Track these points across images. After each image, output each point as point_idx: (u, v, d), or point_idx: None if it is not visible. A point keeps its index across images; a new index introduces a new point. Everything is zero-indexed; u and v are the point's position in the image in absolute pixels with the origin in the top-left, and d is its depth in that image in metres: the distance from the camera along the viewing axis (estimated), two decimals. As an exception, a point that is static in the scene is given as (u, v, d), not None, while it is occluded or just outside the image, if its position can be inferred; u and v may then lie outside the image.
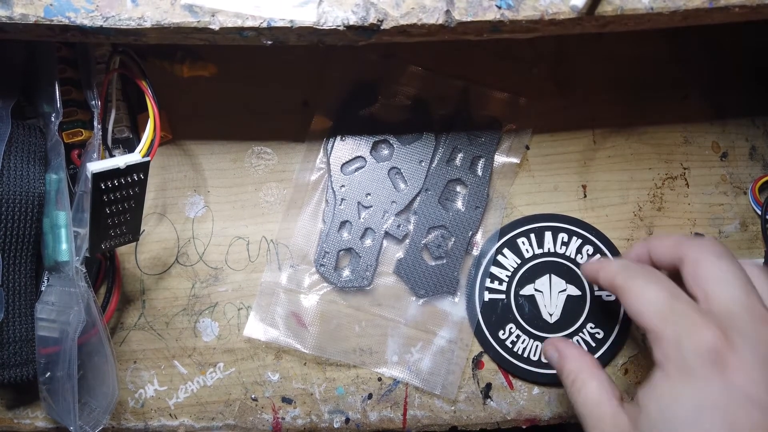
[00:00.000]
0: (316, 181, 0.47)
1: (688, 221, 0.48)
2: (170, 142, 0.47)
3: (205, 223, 0.47)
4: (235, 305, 0.47)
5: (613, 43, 0.48)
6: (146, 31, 0.34)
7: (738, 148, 0.49)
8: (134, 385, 0.46)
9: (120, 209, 0.39)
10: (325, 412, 0.46)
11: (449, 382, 0.45)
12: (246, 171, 0.47)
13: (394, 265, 0.46)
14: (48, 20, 0.33)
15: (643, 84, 0.48)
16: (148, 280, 0.47)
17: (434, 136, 0.46)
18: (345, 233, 0.46)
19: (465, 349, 0.46)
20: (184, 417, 0.46)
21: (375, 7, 0.34)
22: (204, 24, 0.34)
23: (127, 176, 0.38)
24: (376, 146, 0.47)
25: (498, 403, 0.46)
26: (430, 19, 0.34)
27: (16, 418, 0.46)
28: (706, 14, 0.35)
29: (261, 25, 0.34)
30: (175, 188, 0.47)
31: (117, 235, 0.40)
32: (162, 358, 0.46)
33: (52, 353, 0.40)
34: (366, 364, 0.46)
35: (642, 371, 0.46)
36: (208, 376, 0.46)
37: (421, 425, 0.46)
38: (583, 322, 0.46)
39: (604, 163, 0.48)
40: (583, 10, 0.33)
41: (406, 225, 0.46)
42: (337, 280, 0.46)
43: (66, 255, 0.40)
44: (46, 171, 0.41)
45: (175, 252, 0.47)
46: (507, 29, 0.35)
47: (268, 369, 0.46)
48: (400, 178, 0.46)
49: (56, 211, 0.41)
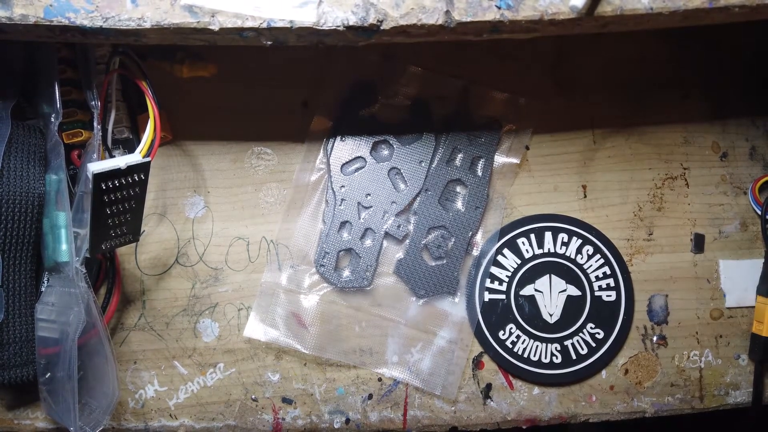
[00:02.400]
0: (316, 182, 0.47)
1: (688, 221, 0.48)
2: (170, 142, 0.47)
3: (205, 224, 0.47)
4: (236, 306, 0.47)
5: (613, 43, 0.48)
6: (146, 31, 0.34)
7: (738, 149, 0.49)
8: (134, 385, 0.46)
9: (120, 209, 0.39)
10: (326, 413, 0.46)
11: (449, 382, 0.45)
12: (246, 171, 0.47)
13: (394, 265, 0.46)
14: (48, 21, 0.33)
15: (643, 84, 0.48)
16: (149, 280, 0.47)
17: (434, 137, 0.46)
18: (345, 233, 0.46)
19: (465, 350, 0.46)
20: (184, 417, 0.46)
21: (375, 8, 0.34)
22: (204, 24, 0.34)
23: (127, 177, 0.38)
24: (376, 146, 0.47)
25: (498, 403, 0.46)
26: (429, 20, 0.34)
27: (16, 419, 0.46)
28: (706, 14, 0.35)
29: (261, 26, 0.34)
30: (175, 189, 0.47)
31: (117, 236, 0.40)
32: (162, 359, 0.46)
33: (52, 354, 0.40)
34: (366, 364, 0.46)
35: (642, 371, 0.46)
36: (208, 377, 0.46)
37: (421, 425, 0.46)
38: (583, 322, 0.46)
39: (604, 163, 0.48)
40: (582, 11, 0.33)
41: (406, 225, 0.46)
42: (337, 280, 0.46)
43: (66, 255, 0.40)
44: (46, 171, 0.41)
45: (175, 252, 0.47)
46: (507, 29, 0.35)
47: (269, 369, 0.46)
48: (400, 178, 0.46)
49: (56, 212, 0.41)
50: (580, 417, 0.46)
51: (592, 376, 0.46)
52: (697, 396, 0.46)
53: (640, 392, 0.46)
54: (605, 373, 0.46)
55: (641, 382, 0.46)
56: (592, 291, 0.47)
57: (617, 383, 0.46)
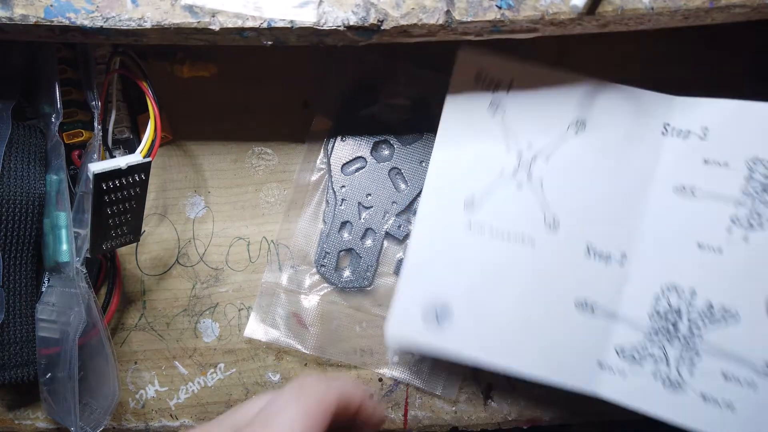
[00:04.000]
0: (316, 182, 0.47)
1: (689, 221, 0.48)
2: (170, 142, 0.47)
3: (205, 224, 0.47)
4: (236, 306, 0.47)
5: (614, 43, 0.48)
6: (146, 31, 0.34)
7: (738, 148, 0.49)
8: (135, 385, 0.46)
9: (121, 210, 0.39)
10: (326, 413, 0.46)
11: (450, 382, 0.45)
12: (246, 171, 0.47)
13: (394, 265, 0.46)
14: (48, 21, 0.33)
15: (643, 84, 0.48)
16: (149, 280, 0.47)
17: (435, 137, 0.46)
18: (345, 234, 0.46)
19: (466, 350, 0.46)
20: (184, 417, 0.46)
21: (375, 8, 0.34)
22: (204, 24, 0.34)
23: (128, 177, 0.38)
24: (376, 146, 0.47)
25: (499, 403, 0.46)
26: (430, 20, 0.34)
27: (17, 419, 0.46)
28: (706, 14, 0.35)
29: (261, 26, 0.34)
30: (176, 189, 0.47)
31: (118, 236, 0.40)
32: (163, 359, 0.46)
33: (53, 354, 0.40)
34: (367, 364, 0.46)
35: (643, 371, 0.46)
36: (208, 377, 0.46)
37: (422, 426, 0.46)
38: (583, 322, 0.46)
39: (604, 163, 0.48)
40: (583, 10, 0.33)
41: (407, 225, 0.46)
42: (338, 280, 0.46)
43: (66, 256, 0.40)
44: (47, 172, 0.41)
45: (176, 252, 0.47)
46: (507, 29, 0.35)
47: (269, 370, 0.46)
48: (401, 178, 0.46)
49: (57, 212, 0.41)
50: (580, 417, 0.46)
51: (593, 376, 0.46)
52: (698, 396, 0.46)
53: (641, 392, 0.46)
54: (606, 373, 0.46)
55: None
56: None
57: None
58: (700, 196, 0.37)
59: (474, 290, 0.40)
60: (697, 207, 0.37)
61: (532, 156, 0.39)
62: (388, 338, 0.40)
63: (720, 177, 0.37)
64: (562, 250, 0.39)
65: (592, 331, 0.39)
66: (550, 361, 0.39)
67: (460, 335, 0.39)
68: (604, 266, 0.39)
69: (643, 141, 0.39)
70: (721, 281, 0.37)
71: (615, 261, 0.39)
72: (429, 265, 0.40)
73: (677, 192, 0.38)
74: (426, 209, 0.41)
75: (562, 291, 0.39)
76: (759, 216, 0.36)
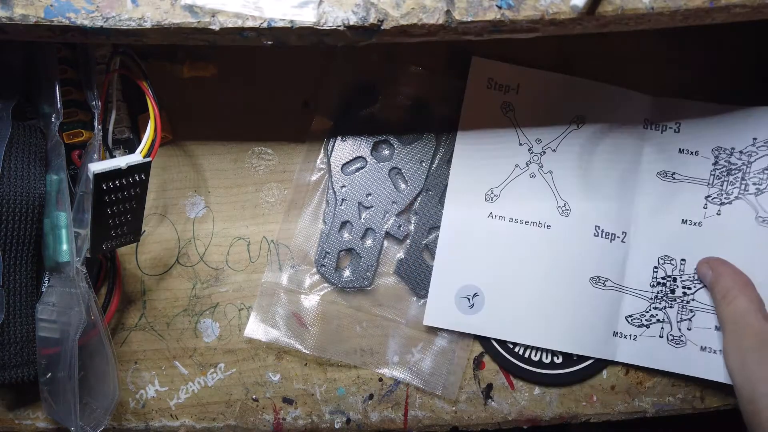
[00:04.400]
0: (316, 182, 0.47)
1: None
2: (171, 142, 0.47)
3: (205, 224, 0.47)
4: (236, 306, 0.47)
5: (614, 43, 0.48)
6: (147, 31, 0.34)
7: (739, 148, 0.49)
8: (135, 385, 0.46)
9: (121, 210, 0.39)
10: (326, 413, 0.46)
11: (450, 382, 0.45)
12: (246, 171, 0.47)
13: (394, 265, 0.46)
14: (48, 21, 0.33)
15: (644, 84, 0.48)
16: (149, 280, 0.47)
17: (435, 137, 0.46)
18: (346, 233, 0.46)
19: (466, 350, 0.46)
20: (185, 417, 0.46)
21: (375, 8, 0.34)
22: (204, 24, 0.34)
23: (128, 177, 0.38)
24: (376, 146, 0.47)
25: (499, 403, 0.46)
26: (430, 19, 0.34)
27: (17, 419, 0.46)
28: (706, 14, 0.35)
29: (261, 26, 0.34)
30: (176, 189, 0.47)
31: (118, 236, 0.40)
32: (163, 359, 0.46)
33: (53, 354, 0.40)
34: (367, 364, 0.46)
35: (643, 371, 0.46)
36: (209, 377, 0.46)
37: (422, 426, 0.46)
38: (584, 322, 0.47)
39: (604, 163, 0.48)
40: (583, 10, 0.33)
41: (407, 225, 0.46)
42: (338, 280, 0.46)
43: (66, 256, 0.40)
44: (47, 172, 0.41)
45: (176, 252, 0.47)
46: (507, 29, 0.35)
47: (269, 369, 0.46)
48: (401, 178, 0.46)
49: (57, 212, 0.41)
50: (581, 417, 0.46)
51: (593, 376, 0.46)
52: (698, 396, 0.46)
53: (641, 392, 0.46)
54: (606, 373, 0.46)
55: (642, 382, 0.46)
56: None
57: (618, 383, 0.46)
58: (679, 180, 0.45)
59: (500, 276, 0.45)
60: (678, 189, 0.45)
61: (541, 149, 0.44)
62: (427, 325, 0.45)
63: (693, 163, 0.45)
64: (574, 232, 0.45)
65: (606, 303, 0.45)
66: (574, 335, 0.45)
67: (491, 318, 0.45)
68: (609, 244, 0.45)
69: (631, 133, 0.45)
70: (703, 250, 0.44)
71: (618, 239, 0.44)
72: (458, 257, 0.45)
73: (660, 176, 0.45)
74: (451, 204, 0.45)
75: (578, 270, 0.45)
76: (728, 194, 0.44)
